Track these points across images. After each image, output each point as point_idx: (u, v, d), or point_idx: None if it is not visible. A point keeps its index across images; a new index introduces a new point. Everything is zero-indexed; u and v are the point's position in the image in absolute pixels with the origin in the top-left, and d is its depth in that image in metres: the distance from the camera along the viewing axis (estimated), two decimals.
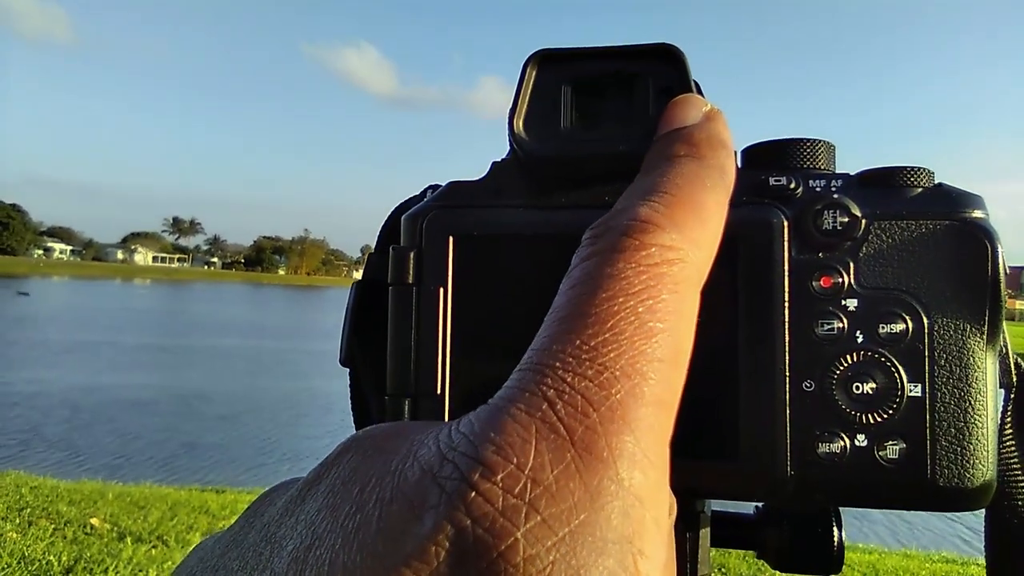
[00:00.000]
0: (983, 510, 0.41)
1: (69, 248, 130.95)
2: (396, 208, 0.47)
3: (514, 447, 0.22)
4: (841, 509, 0.47)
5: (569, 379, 0.23)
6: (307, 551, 0.23)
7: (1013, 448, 0.41)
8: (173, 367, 16.82)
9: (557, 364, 0.24)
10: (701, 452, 0.37)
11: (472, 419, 0.24)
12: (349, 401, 0.50)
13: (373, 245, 0.49)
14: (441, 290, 0.39)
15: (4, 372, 14.18)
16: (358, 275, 0.52)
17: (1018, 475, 0.41)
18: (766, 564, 0.50)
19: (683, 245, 0.27)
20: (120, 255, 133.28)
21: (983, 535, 0.44)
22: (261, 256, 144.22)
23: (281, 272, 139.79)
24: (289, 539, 0.25)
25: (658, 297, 0.26)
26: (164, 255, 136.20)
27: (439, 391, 0.39)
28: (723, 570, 4.35)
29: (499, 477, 0.21)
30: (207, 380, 15.06)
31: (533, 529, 0.21)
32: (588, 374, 0.23)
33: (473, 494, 0.21)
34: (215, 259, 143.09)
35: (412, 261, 0.39)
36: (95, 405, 11.52)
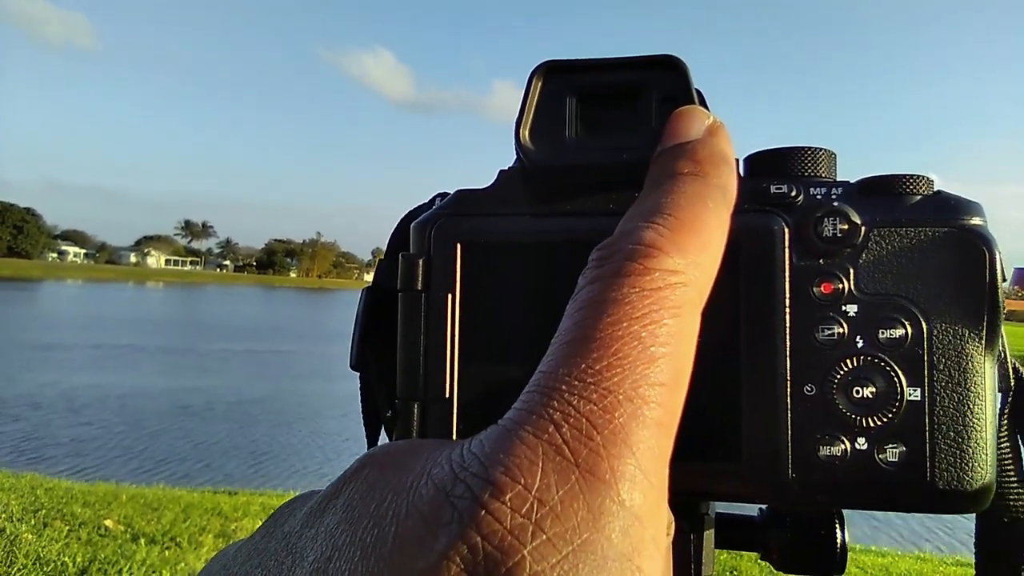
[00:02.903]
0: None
1: (83, 251, 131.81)
2: (405, 216, 0.48)
3: (522, 468, 0.23)
4: (847, 511, 0.48)
5: (574, 402, 0.24)
6: (327, 562, 0.25)
7: (1008, 450, 0.41)
8: (214, 371, 16.71)
9: (563, 387, 0.25)
10: (704, 455, 0.37)
11: (483, 439, 0.25)
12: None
13: (383, 249, 0.49)
14: (449, 296, 0.40)
15: (69, 376, 14.22)
16: (369, 277, 0.53)
17: (1011, 475, 0.41)
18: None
19: (685, 269, 0.28)
20: (133, 258, 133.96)
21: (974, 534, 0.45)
22: (273, 259, 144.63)
23: (292, 275, 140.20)
24: (310, 550, 0.26)
25: (660, 321, 0.27)
26: (176, 258, 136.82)
27: (447, 396, 0.39)
28: (735, 573, 4.34)
29: (507, 497, 0.23)
30: (252, 383, 14.98)
31: (539, 547, 0.22)
32: (592, 398, 0.24)
33: (483, 513, 0.22)
34: (227, 262, 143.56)
35: (421, 268, 0.40)
36: (156, 411, 11.41)
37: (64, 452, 8.70)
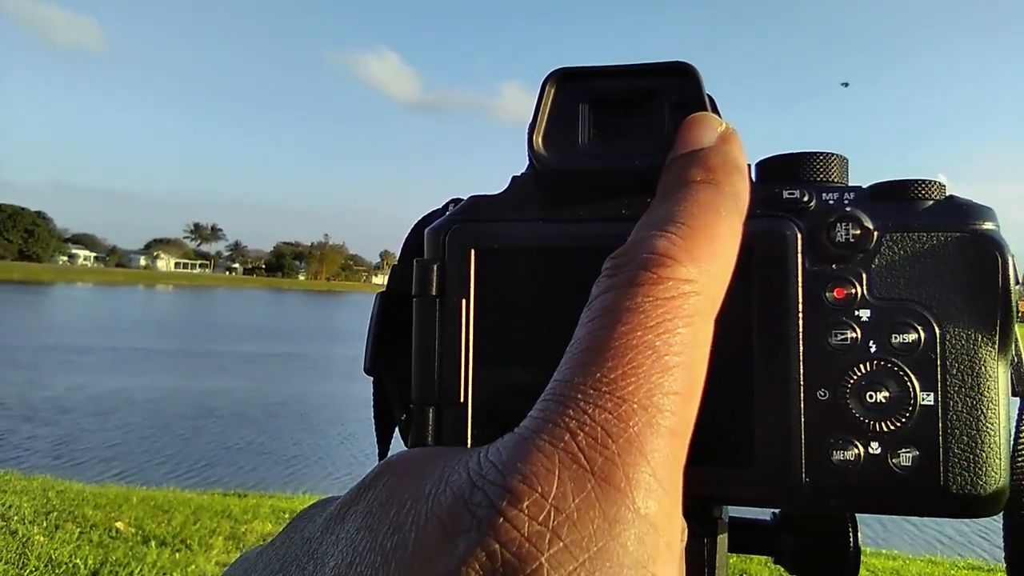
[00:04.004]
0: (1001, 517, 0.41)
1: (93, 255, 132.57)
2: (419, 221, 0.49)
3: (539, 476, 0.24)
4: (859, 515, 0.48)
5: (590, 411, 0.25)
6: (348, 567, 0.25)
7: None
8: (237, 373, 16.75)
9: (579, 396, 0.25)
10: (718, 459, 0.37)
11: (500, 447, 0.26)
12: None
13: (392, 250, 0.50)
14: (463, 302, 0.40)
15: (94, 379, 14.24)
16: (377, 280, 0.54)
17: None
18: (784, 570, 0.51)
19: (698, 278, 0.28)
20: (143, 261, 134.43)
21: (1003, 543, 0.44)
22: (281, 261, 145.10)
23: (301, 277, 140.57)
24: (331, 556, 0.27)
25: (674, 330, 0.27)
26: (186, 261, 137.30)
27: (462, 400, 0.40)
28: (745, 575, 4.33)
29: (525, 505, 0.23)
30: (276, 386, 14.99)
31: (556, 555, 0.22)
32: (608, 406, 0.25)
33: (501, 520, 0.23)
34: (236, 265, 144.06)
35: (435, 273, 0.41)
36: (185, 415, 11.34)
37: (98, 457, 8.71)
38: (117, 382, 14.17)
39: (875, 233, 0.38)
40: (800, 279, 0.38)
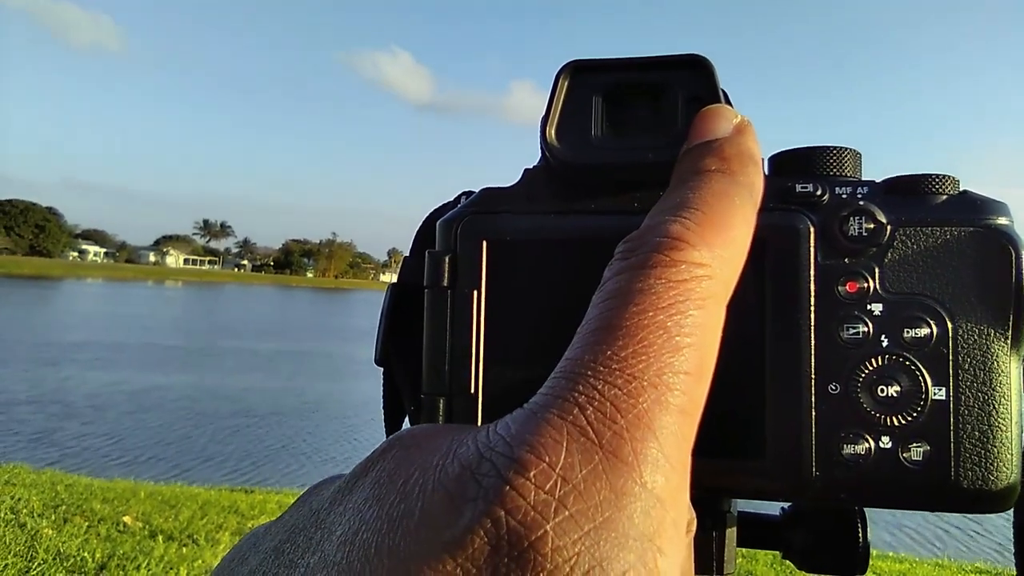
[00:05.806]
0: (1012, 514, 0.41)
1: (103, 251, 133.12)
2: (431, 213, 0.49)
3: (547, 448, 0.24)
4: (871, 513, 0.48)
5: (600, 387, 0.25)
6: (355, 535, 0.25)
7: None
8: (265, 371, 16.84)
9: (589, 373, 0.25)
10: (728, 451, 0.37)
11: (509, 421, 0.26)
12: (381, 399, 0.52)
13: (401, 248, 0.50)
14: (475, 293, 0.40)
15: (130, 377, 14.30)
16: (385, 278, 0.54)
17: None
18: (793, 570, 0.51)
19: (711, 262, 0.28)
20: (152, 257, 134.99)
21: (1013, 540, 0.44)
22: (290, 259, 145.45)
23: (309, 275, 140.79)
24: (338, 525, 0.27)
25: (686, 312, 0.27)
26: (195, 257, 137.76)
27: (472, 390, 0.40)
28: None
29: (532, 474, 0.23)
30: (307, 383, 15.03)
31: (562, 523, 0.22)
32: (617, 383, 0.25)
33: (508, 488, 0.23)
34: (245, 262, 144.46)
35: (447, 265, 0.41)
36: (223, 413, 11.41)
37: (147, 456, 8.77)
38: (151, 379, 14.23)
39: (888, 227, 0.38)
40: (812, 273, 0.38)
